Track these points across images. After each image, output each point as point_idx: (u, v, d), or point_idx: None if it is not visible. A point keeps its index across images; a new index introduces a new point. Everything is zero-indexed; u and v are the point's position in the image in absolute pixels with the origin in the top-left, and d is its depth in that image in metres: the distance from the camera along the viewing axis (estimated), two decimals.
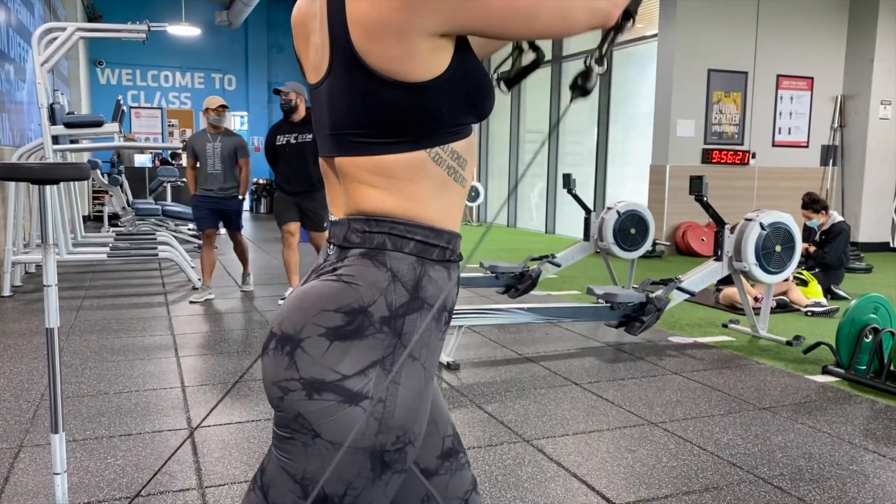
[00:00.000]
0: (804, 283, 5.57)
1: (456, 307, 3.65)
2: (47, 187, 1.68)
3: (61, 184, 5.95)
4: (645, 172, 9.09)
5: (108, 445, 2.72)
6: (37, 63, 5.44)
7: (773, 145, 9.14)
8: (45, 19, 8.79)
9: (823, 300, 5.44)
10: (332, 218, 1.04)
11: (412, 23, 0.86)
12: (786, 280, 5.43)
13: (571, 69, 11.08)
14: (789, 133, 9.22)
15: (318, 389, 0.90)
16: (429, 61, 0.90)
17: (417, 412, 0.94)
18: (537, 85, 11.87)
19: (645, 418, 3.08)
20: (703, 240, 8.54)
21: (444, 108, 0.94)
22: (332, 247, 1.01)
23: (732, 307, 5.37)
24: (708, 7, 8.51)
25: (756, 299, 5.04)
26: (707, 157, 8.75)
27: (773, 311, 5.19)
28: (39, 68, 5.45)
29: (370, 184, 0.95)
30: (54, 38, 5.74)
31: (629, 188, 9.88)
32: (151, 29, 5.77)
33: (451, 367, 3.77)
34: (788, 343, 4.32)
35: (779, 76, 9.03)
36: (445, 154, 0.96)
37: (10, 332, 4.45)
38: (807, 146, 9.32)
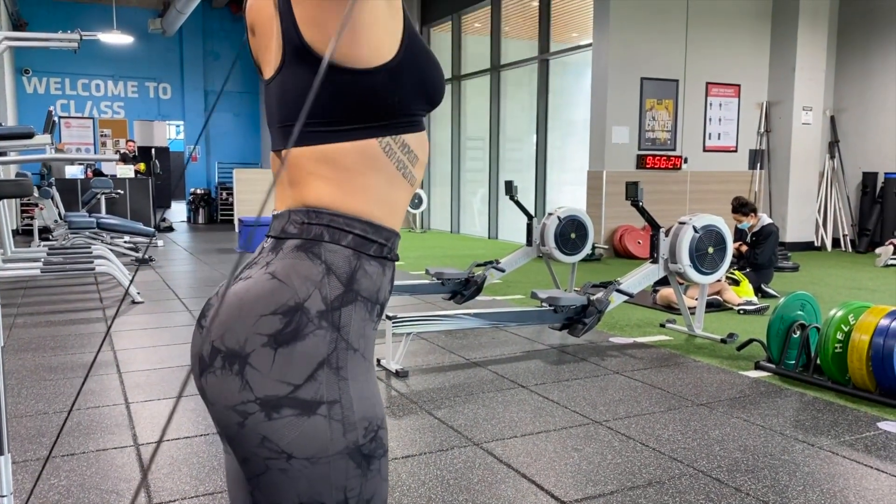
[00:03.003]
0: (736, 282, 5.80)
1: (403, 314, 3.68)
2: None
3: None
4: (583, 178, 9.31)
5: (51, 466, 2.66)
6: None
7: (704, 150, 9.49)
8: None
9: (755, 299, 5.68)
10: (274, 212, 1.03)
11: None
12: (719, 280, 5.66)
13: (511, 77, 11.28)
14: (719, 138, 9.58)
15: (275, 407, 0.89)
16: (374, 45, 0.92)
17: (372, 399, 0.95)
18: (477, 92, 12.02)
19: (589, 417, 3.18)
20: (639, 242, 8.79)
21: (395, 95, 0.95)
22: (268, 240, 1.00)
23: (669, 307, 5.55)
24: (640, 18, 8.80)
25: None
26: (641, 162, 9.02)
27: (708, 310, 5.39)
28: None
29: (317, 174, 0.95)
30: None
31: (568, 193, 10.10)
32: (83, 38, 5.63)
33: (400, 374, 3.80)
34: (723, 341, 4.50)
35: (708, 84, 9.39)
36: (396, 146, 0.97)
37: None
38: (735, 151, 9.71)
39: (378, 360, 4.01)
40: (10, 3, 12.31)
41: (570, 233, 5.74)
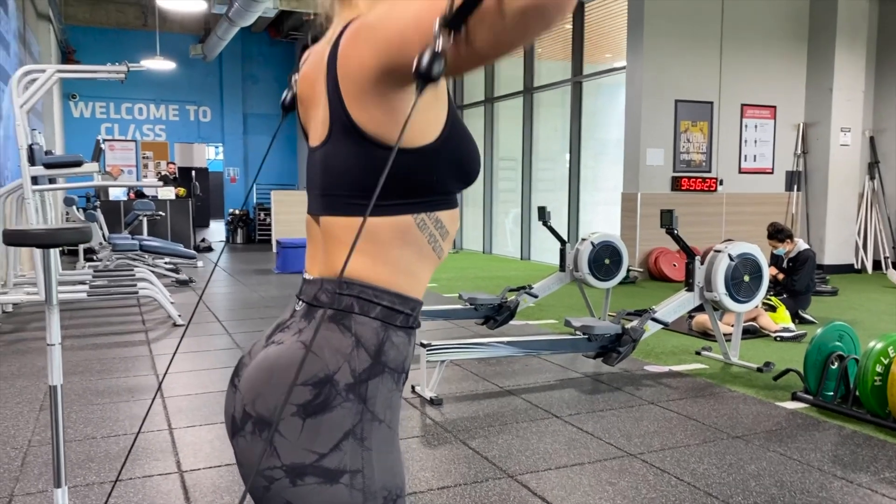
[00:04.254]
0: (772, 308, 5.75)
1: (437, 342, 3.74)
2: (51, 250, 1.76)
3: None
4: (616, 198, 9.30)
5: (100, 492, 2.76)
6: (16, 105, 5.48)
7: (740, 172, 9.42)
8: (20, 57, 8.81)
9: (792, 325, 5.62)
10: (307, 276, 1.07)
11: (375, 75, 0.91)
12: (755, 307, 5.61)
13: (544, 98, 11.34)
14: (755, 160, 9.51)
15: (300, 475, 0.93)
16: (419, 128, 0.96)
17: (394, 468, 0.99)
18: (510, 113, 12.10)
19: (624, 450, 3.19)
20: (674, 265, 8.74)
21: (434, 175, 0.99)
22: (300, 303, 1.05)
23: (705, 334, 5.52)
24: (674, 40, 8.80)
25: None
26: (676, 184, 8.99)
27: (744, 337, 5.35)
28: (19, 110, 5.49)
29: (349, 244, 0.97)
30: (33, 80, 5.78)
31: (602, 213, 10.09)
32: (130, 69, 5.84)
33: (435, 402, 3.85)
34: (759, 370, 4.47)
35: (743, 105, 9.34)
36: (430, 221, 1.01)
37: None
38: (772, 172, 9.61)
39: (413, 387, 4.07)
40: (59, 31, 12.77)
41: (604, 258, 5.75)
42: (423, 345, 3.91)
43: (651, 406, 3.83)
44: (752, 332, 5.54)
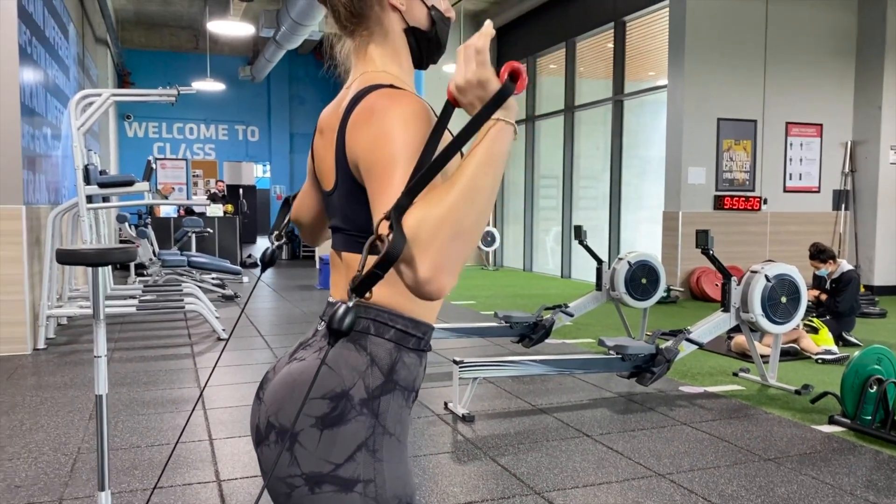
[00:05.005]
0: (815, 330, 5.66)
1: (470, 359, 3.80)
2: (100, 268, 1.89)
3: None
4: (659, 216, 9.25)
5: (143, 498, 2.88)
6: (74, 127, 5.76)
7: (785, 191, 9.28)
8: (79, 80, 9.22)
9: (834, 348, 5.52)
10: (330, 300, 1.18)
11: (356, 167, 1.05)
12: (796, 328, 5.54)
13: (584, 118, 11.37)
14: (800, 179, 9.36)
15: (318, 483, 1.02)
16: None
17: (404, 478, 1.08)
18: (551, 131, 12.15)
19: (653, 470, 3.20)
20: (716, 285, 8.62)
21: None
22: (322, 323, 1.15)
23: (744, 355, 5.46)
24: (716, 58, 8.76)
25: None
26: (719, 203, 8.91)
27: (784, 359, 5.28)
28: (76, 132, 5.77)
29: None
30: (90, 103, 6.07)
31: (643, 232, 10.04)
32: (181, 92, 6.08)
33: (466, 418, 3.91)
34: (797, 392, 4.41)
35: (788, 123, 9.21)
36: None
37: (45, 385, 4.66)
38: (818, 191, 9.45)
39: (445, 404, 4.13)
40: (116, 55, 13.31)
41: (641, 278, 5.74)
42: (455, 362, 3.97)
43: (683, 426, 3.82)
44: (792, 355, 5.46)
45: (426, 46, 1.22)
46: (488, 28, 0.98)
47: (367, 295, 0.88)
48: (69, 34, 8.42)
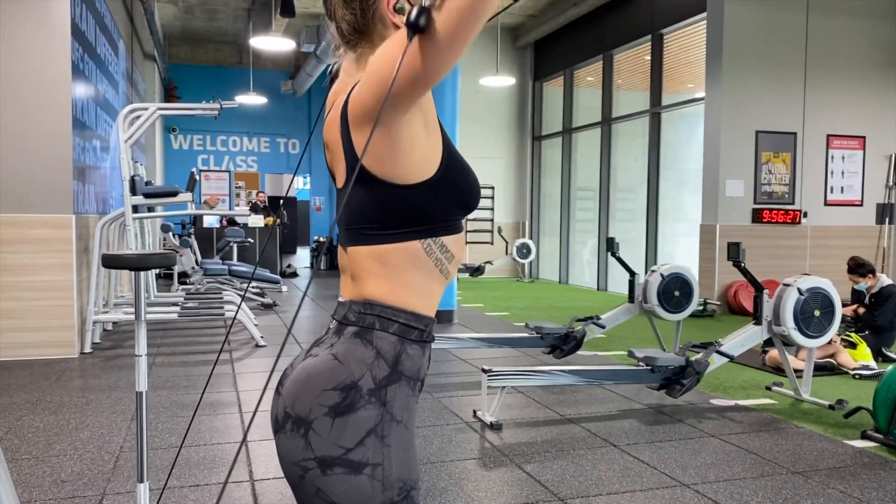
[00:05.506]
0: (853, 345, 5.57)
1: (499, 368, 3.86)
2: (141, 273, 2.01)
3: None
4: (697, 229, 9.18)
5: (179, 495, 3.01)
6: (121, 140, 6.00)
7: (826, 204, 9.14)
8: (127, 94, 9.56)
9: (872, 363, 5.43)
10: (340, 299, 1.25)
11: (374, 108, 1.07)
12: (833, 342, 5.47)
13: (621, 130, 11.35)
14: (842, 192, 9.21)
15: (329, 465, 1.10)
16: (416, 166, 1.13)
17: (409, 463, 1.15)
18: (588, 143, 12.16)
19: (678, 480, 3.21)
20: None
21: (435, 206, 1.16)
22: (333, 322, 1.23)
23: (778, 369, 5.40)
24: (754, 70, 8.69)
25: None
26: (757, 216, 8.81)
27: (820, 374, 5.22)
28: (124, 144, 6.01)
29: (372, 270, 1.17)
30: (137, 117, 6.32)
31: (681, 244, 9.97)
32: (223, 106, 6.29)
33: (494, 426, 3.96)
34: (831, 407, 4.35)
35: (829, 136, 9.08)
36: (436, 246, 1.18)
37: (91, 387, 4.86)
38: (861, 205, 9.28)
39: (474, 411, 4.19)
40: (163, 69, 13.74)
41: (674, 290, 5.73)
42: (484, 370, 4.03)
43: (711, 438, 3.82)
44: (829, 370, 5.39)
45: None
46: None
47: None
48: (119, 50, 8.75)
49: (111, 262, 2.04)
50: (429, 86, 1.06)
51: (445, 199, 1.17)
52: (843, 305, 7.65)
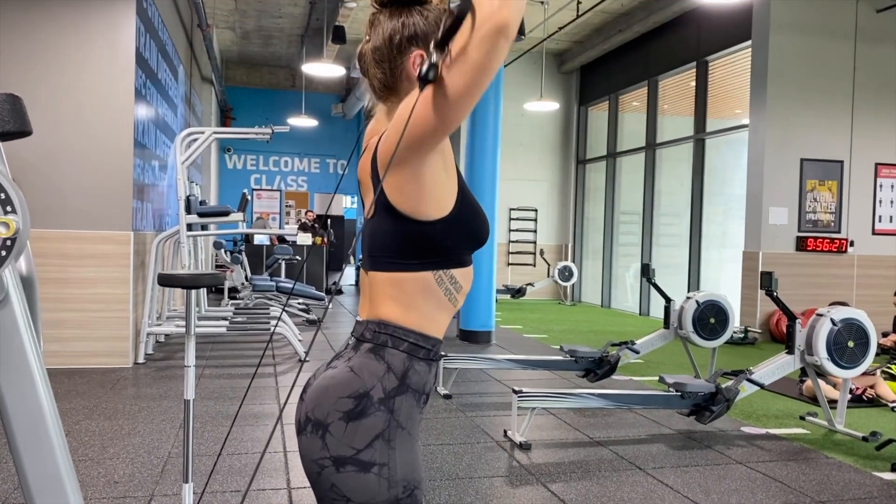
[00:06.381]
0: (893, 377, 5.51)
1: (530, 389, 3.99)
2: (192, 291, 2.22)
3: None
4: (741, 255, 9.14)
5: (221, 500, 3.21)
6: (178, 162, 6.34)
7: (874, 233, 9.00)
8: (185, 117, 10.02)
9: None
10: (358, 318, 1.41)
11: (400, 152, 1.24)
12: (873, 374, 5.42)
13: (665, 155, 11.37)
14: (891, 221, 9.06)
15: (342, 464, 1.27)
16: (436, 203, 1.29)
17: (412, 465, 1.31)
18: (633, 168, 12.20)
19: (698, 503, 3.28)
20: None
21: (448, 241, 1.32)
22: (352, 339, 1.39)
23: (815, 399, 5.38)
24: (799, 97, 8.66)
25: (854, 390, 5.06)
26: (802, 244, 8.73)
27: (858, 405, 5.18)
28: (180, 166, 6.34)
29: (388, 294, 1.34)
30: (194, 140, 6.66)
31: (726, 271, 9.92)
32: (275, 131, 6.59)
33: (524, 446, 4.08)
34: (864, 439, 4.34)
35: (877, 164, 8.97)
36: (446, 278, 1.34)
37: (143, 395, 5.13)
38: None
39: (504, 431, 4.31)
40: (219, 92, 14.30)
41: (710, 317, 5.76)
42: (514, 391, 4.16)
43: (738, 465, 3.86)
44: (868, 401, 5.34)
45: None
46: None
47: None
48: (178, 74, 9.21)
49: (167, 280, 2.26)
50: (446, 132, 1.23)
51: (458, 234, 1.34)
52: (884, 336, 7.54)
